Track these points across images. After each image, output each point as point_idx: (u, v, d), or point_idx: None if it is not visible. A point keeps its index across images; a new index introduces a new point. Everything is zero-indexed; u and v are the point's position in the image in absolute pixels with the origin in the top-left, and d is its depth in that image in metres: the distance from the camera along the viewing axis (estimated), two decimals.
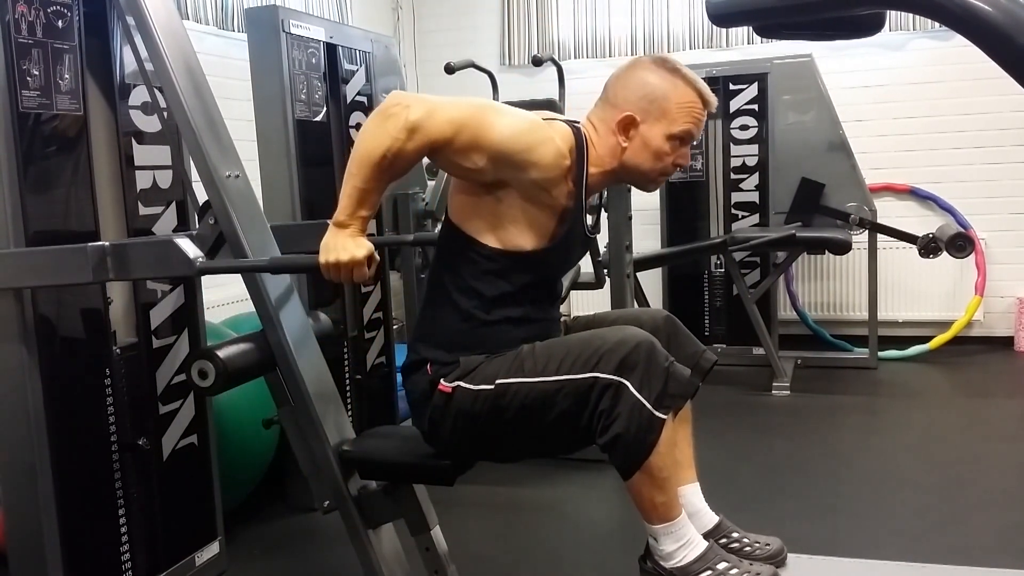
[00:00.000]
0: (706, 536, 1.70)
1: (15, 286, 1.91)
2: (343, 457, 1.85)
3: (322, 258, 1.61)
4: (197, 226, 2.35)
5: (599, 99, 1.76)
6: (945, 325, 4.78)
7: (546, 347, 1.65)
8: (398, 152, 1.56)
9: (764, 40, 4.59)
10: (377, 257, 1.63)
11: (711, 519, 1.80)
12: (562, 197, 1.67)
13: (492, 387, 1.63)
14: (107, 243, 1.87)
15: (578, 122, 1.75)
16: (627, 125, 1.69)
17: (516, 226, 1.66)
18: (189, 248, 1.80)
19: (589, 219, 1.80)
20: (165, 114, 2.19)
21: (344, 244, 1.59)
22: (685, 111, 1.68)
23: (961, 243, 4.15)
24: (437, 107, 1.58)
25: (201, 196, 2.05)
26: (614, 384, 1.54)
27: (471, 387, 1.65)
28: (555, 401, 1.59)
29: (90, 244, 1.85)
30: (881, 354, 4.59)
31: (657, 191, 4.63)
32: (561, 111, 3.62)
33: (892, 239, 4.43)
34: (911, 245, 4.35)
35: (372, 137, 1.56)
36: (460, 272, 1.70)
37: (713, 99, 1.72)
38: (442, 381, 1.68)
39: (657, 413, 1.54)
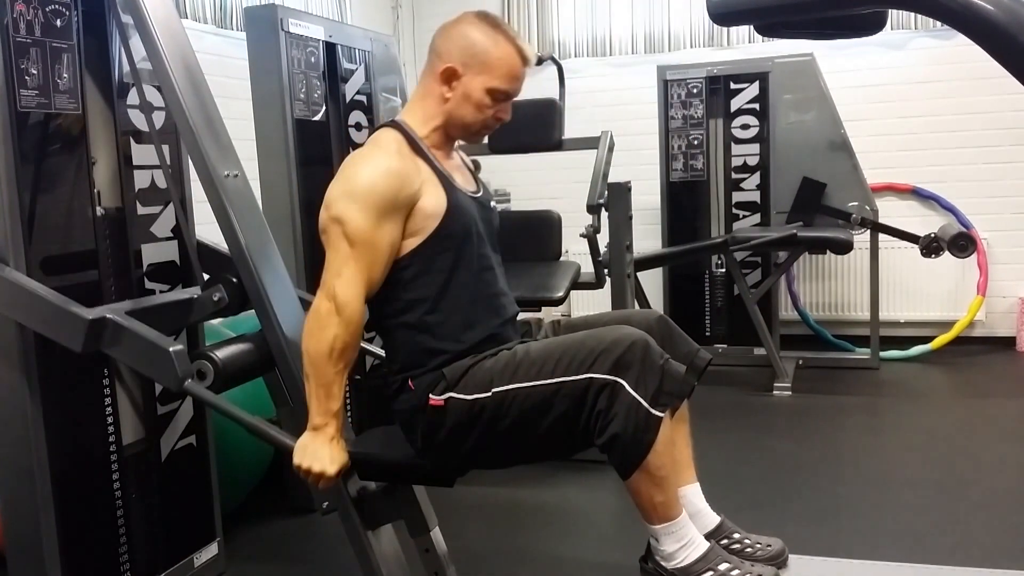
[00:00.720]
0: (707, 537, 1.70)
1: (6, 314, 1.89)
2: None
3: (296, 460, 1.68)
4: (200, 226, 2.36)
5: (428, 56, 1.84)
6: (947, 325, 4.78)
7: (540, 349, 1.65)
8: (342, 337, 1.62)
9: (765, 39, 4.57)
10: (349, 464, 1.70)
11: (712, 519, 1.80)
12: (430, 175, 1.72)
13: (488, 395, 1.63)
14: (109, 315, 1.84)
15: (392, 120, 1.83)
16: (449, 76, 1.75)
17: (416, 223, 1.70)
18: (181, 365, 1.79)
19: (467, 182, 1.83)
20: (156, 115, 2.18)
21: (320, 454, 1.66)
22: (504, 66, 1.75)
23: (963, 243, 4.15)
24: (335, 271, 1.64)
25: (200, 196, 2.05)
26: (610, 384, 1.54)
27: (465, 397, 1.65)
28: (552, 404, 1.59)
29: (92, 315, 1.81)
30: (883, 354, 4.58)
31: (658, 190, 4.67)
32: (561, 110, 3.61)
33: (894, 239, 4.42)
34: (913, 245, 4.34)
35: (315, 336, 1.63)
36: (393, 296, 1.73)
37: (531, 55, 1.79)
38: (431, 396, 1.68)
39: (654, 411, 1.54)
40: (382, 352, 1.95)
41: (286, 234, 2.78)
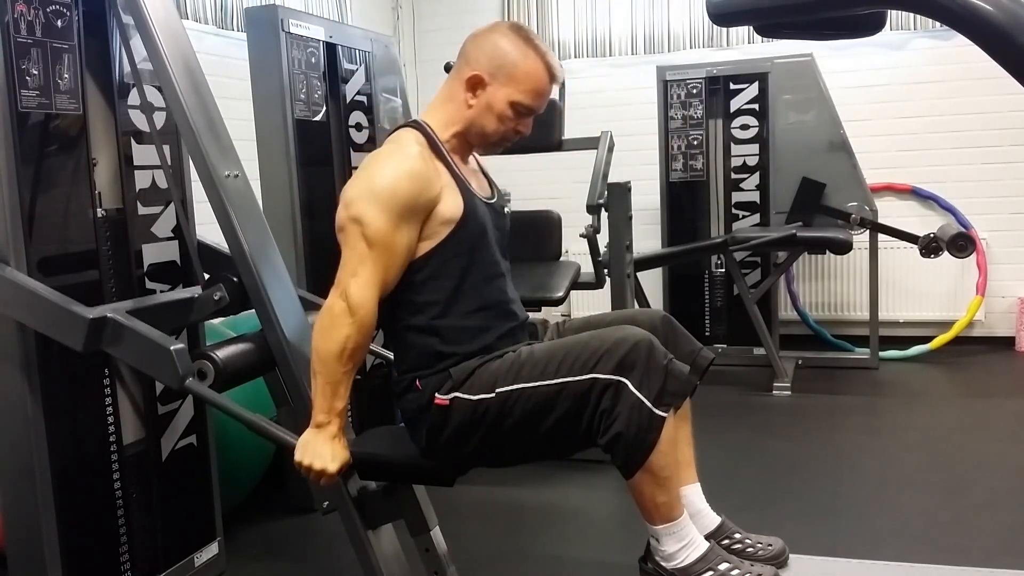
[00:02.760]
0: (708, 537, 1.70)
1: (7, 314, 1.89)
2: None
3: (297, 457, 1.68)
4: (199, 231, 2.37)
5: (456, 59, 1.81)
6: (946, 325, 4.78)
7: (544, 350, 1.65)
8: (354, 338, 1.62)
9: (765, 40, 4.58)
10: (350, 462, 1.71)
11: (713, 520, 1.80)
12: (449, 179, 1.72)
13: (492, 395, 1.63)
14: (109, 314, 1.85)
15: (415, 120, 1.81)
16: (475, 84, 1.74)
17: (432, 227, 1.69)
18: (182, 364, 1.80)
19: (482, 188, 1.83)
20: (155, 116, 2.19)
21: (321, 452, 1.66)
22: (530, 81, 1.73)
23: (962, 243, 4.15)
24: (351, 271, 1.63)
25: (201, 196, 2.05)
26: (614, 383, 1.54)
27: (469, 397, 1.65)
28: (555, 404, 1.59)
29: (92, 315, 1.82)
30: (882, 354, 4.58)
31: (657, 190, 4.67)
32: (561, 111, 3.62)
33: (893, 239, 4.42)
34: (912, 245, 4.35)
35: (326, 335, 1.63)
36: (403, 298, 1.72)
37: (560, 74, 1.78)
38: (437, 395, 1.68)
39: (657, 411, 1.54)
40: (390, 354, 1.95)
41: (287, 234, 2.78)
